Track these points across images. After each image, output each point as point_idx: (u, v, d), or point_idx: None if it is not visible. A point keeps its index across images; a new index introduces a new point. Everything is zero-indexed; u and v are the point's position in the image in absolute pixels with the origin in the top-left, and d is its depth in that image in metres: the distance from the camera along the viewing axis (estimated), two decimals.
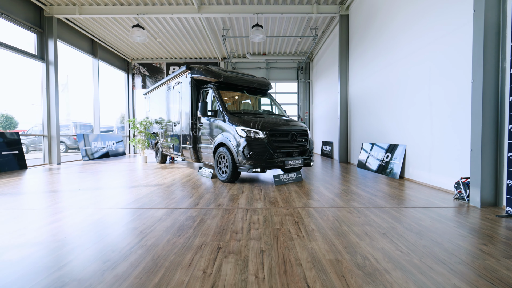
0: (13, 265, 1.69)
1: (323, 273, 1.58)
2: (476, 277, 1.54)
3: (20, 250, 1.91)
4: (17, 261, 1.74)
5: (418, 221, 2.54)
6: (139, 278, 1.53)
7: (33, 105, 43.77)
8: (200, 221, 2.55)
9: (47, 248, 1.94)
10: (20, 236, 2.19)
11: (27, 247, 1.96)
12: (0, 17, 6.59)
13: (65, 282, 1.48)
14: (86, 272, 1.59)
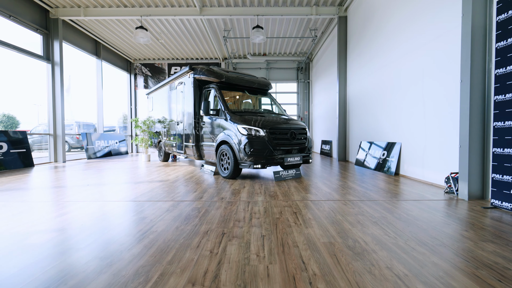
0: (38, 247, 1.89)
1: (317, 253, 1.77)
2: (454, 256, 1.73)
3: (42, 236, 2.10)
4: (41, 244, 1.93)
5: (408, 212, 2.73)
6: (153, 257, 1.72)
7: (34, 105, 43.32)
8: (205, 212, 2.74)
9: (66, 234, 2.14)
10: (39, 224, 2.38)
11: (48, 233, 2.15)
12: (8, 19, 6.80)
13: (88, 260, 1.67)
14: (105, 252, 1.79)
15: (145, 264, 1.62)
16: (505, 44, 2.79)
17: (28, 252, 1.80)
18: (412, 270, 1.54)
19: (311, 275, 1.48)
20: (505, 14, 2.80)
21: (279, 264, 1.62)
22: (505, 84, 2.77)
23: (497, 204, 2.85)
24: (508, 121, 2.74)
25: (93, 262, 1.64)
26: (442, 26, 3.93)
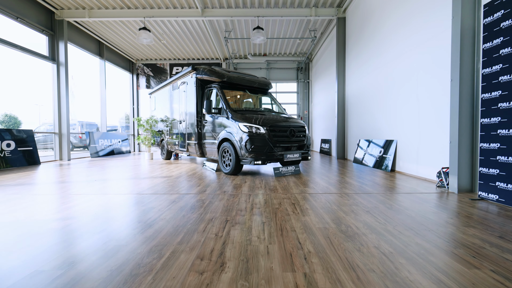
0: (59, 231, 2.07)
1: (312, 236, 1.95)
2: (436, 238, 1.91)
3: (61, 222, 2.28)
4: (61, 229, 2.12)
5: (399, 203, 2.91)
6: (164, 239, 1.90)
7: (36, 105, 43.46)
8: (209, 203, 2.92)
9: (82, 221, 2.32)
10: (56, 213, 2.56)
11: (65, 220, 2.34)
12: (15, 21, 6.99)
13: (105, 241, 1.86)
14: (121, 235, 1.97)
15: (157, 244, 1.80)
16: (491, 46, 2.97)
17: (52, 235, 1.99)
18: (397, 249, 1.72)
19: (306, 253, 1.66)
20: (491, 17, 2.97)
21: (278, 244, 1.80)
22: (491, 83, 2.95)
23: (484, 196, 3.02)
24: (493, 118, 2.91)
25: (111, 243, 1.82)
26: (435, 28, 4.10)
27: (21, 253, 1.68)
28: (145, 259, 1.58)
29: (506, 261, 1.56)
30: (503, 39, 2.82)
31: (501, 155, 2.82)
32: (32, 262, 1.55)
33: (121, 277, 1.38)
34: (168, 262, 1.54)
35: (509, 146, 2.72)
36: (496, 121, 2.87)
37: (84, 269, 1.47)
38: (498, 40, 2.88)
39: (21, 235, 1.99)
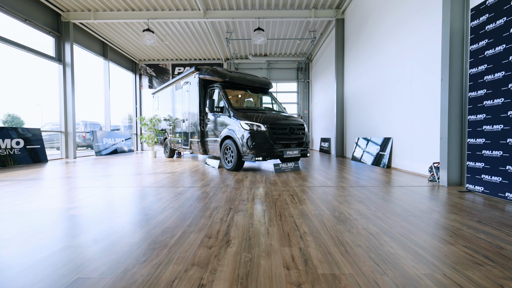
0: (79, 217, 2.28)
1: (308, 220, 2.16)
2: (420, 222, 2.11)
3: (79, 210, 2.49)
4: (81, 215, 2.33)
5: (391, 194, 3.11)
6: (174, 222, 2.11)
7: (38, 105, 43.85)
8: (213, 194, 3.13)
9: (98, 209, 2.53)
10: (72, 203, 2.78)
11: (83, 208, 2.55)
12: (24, 23, 7.22)
13: (122, 224, 2.07)
14: (135, 220, 2.18)
15: (169, 226, 2.01)
16: (477, 47, 3.17)
17: (73, 220, 2.20)
18: (383, 230, 1.92)
19: (302, 233, 1.87)
20: (477, 20, 3.17)
21: (277, 226, 2.01)
22: (477, 82, 3.15)
23: (471, 188, 3.22)
24: (479, 115, 3.11)
25: (127, 226, 2.04)
26: (428, 30, 4.30)
27: (53, 231, 1.89)
28: (159, 237, 1.80)
29: (479, 239, 1.76)
30: (487, 41, 3.02)
31: (486, 150, 3.01)
32: (65, 239, 1.76)
33: (140, 250, 1.59)
34: (180, 240, 1.75)
35: (493, 141, 2.92)
36: (482, 118, 3.07)
37: (106, 245, 1.67)
38: (483, 42, 3.08)
39: (51, 219, 2.20)
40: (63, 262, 1.45)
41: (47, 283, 1.24)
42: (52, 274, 1.33)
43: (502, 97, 2.82)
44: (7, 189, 3.49)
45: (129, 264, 1.42)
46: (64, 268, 1.38)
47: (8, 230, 1.95)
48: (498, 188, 2.86)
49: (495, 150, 2.90)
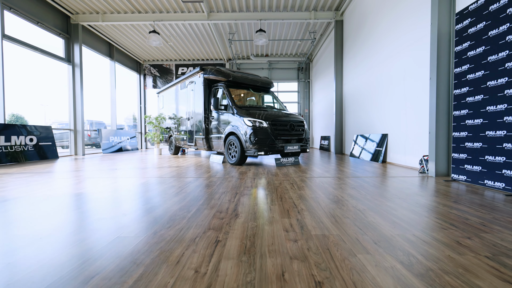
0: (104, 199, 2.60)
1: (305, 201, 2.47)
2: (403, 202, 2.41)
3: (102, 194, 2.81)
4: (104, 198, 2.65)
5: (382, 183, 3.41)
6: (189, 202, 2.42)
7: (41, 105, 43.93)
8: (220, 183, 3.44)
9: (119, 193, 2.85)
10: (94, 188, 3.10)
11: (105, 193, 2.86)
12: (36, 25, 7.56)
13: (143, 204, 2.38)
14: (154, 201, 2.50)
15: (184, 205, 2.33)
16: (461, 48, 3.47)
17: (100, 201, 2.52)
18: (370, 208, 2.23)
19: (299, 209, 2.18)
20: (461, 24, 3.47)
21: (278, 205, 2.32)
22: (461, 81, 3.44)
23: (455, 177, 3.52)
24: (463, 110, 3.41)
25: (147, 205, 2.35)
26: (419, 32, 4.60)
27: (86, 208, 2.21)
28: (178, 212, 2.11)
29: (450, 214, 2.06)
30: (470, 43, 3.32)
31: (468, 142, 3.31)
32: (98, 214, 2.08)
33: (163, 220, 1.91)
34: (195, 214, 2.07)
35: (474, 134, 3.22)
36: (465, 113, 3.37)
37: (134, 217, 1.99)
38: (466, 44, 3.38)
39: (81, 200, 2.52)
40: (103, 228, 1.76)
41: (95, 239, 1.56)
42: (97, 234, 1.64)
43: (482, 94, 3.12)
44: (31, 179, 3.81)
45: (157, 229, 1.73)
46: (104, 231, 1.70)
47: (51, 208, 2.27)
48: (478, 176, 3.15)
49: (475, 142, 3.20)
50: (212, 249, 1.42)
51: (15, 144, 6.58)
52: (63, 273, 1.17)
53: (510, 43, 2.79)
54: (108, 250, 1.41)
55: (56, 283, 1.09)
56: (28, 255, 1.35)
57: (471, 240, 1.55)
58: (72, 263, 1.27)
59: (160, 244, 1.49)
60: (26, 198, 2.62)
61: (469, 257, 1.33)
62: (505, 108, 2.82)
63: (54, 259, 1.31)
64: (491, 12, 3.02)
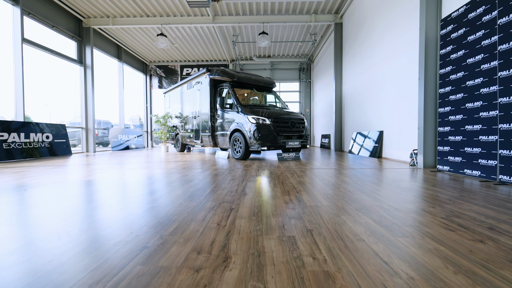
0: (128, 183, 3.01)
1: (303, 185, 2.86)
2: (387, 186, 2.79)
3: (126, 180, 3.22)
4: (130, 183, 3.05)
5: (373, 173, 3.79)
6: (203, 186, 2.82)
7: (47, 105, 44.38)
8: (228, 173, 3.84)
9: (140, 180, 3.25)
10: (121, 177, 3.50)
11: (129, 179, 3.27)
12: (51, 29, 8.02)
13: (163, 187, 2.78)
14: (172, 185, 2.90)
15: (199, 187, 2.73)
16: (445, 52, 3.84)
17: (127, 184, 2.93)
18: (358, 189, 2.62)
19: (298, 190, 2.57)
20: (445, 29, 3.84)
21: (280, 187, 2.71)
22: (445, 81, 3.81)
23: (440, 168, 3.89)
24: (446, 107, 3.78)
25: (168, 187, 2.76)
26: (410, 35, 4.97)
27: (118, 189, 2.61)
28: (195, 192, 2.51)
29: (425, 193, 2.44)
30: (452, 47, 3.69)
31: (451, 136, 3.68)
32: (131, 192, 2.48)
33: (185, 197, 2.31)
34: (210, 193, 2.46)
35: (456, 128, 3.59)
36: (448, 110, 3.74)
37: (161, 195, 2.39)
38: (449, 47, 3.75)
39: (113, 184, 2.93)
40: (137, 202, 2.17)
41: (134, 208, 1.96)
42: (135, 205, 2.05)
43: (462, 92, 3.49)
44: (57, 170, 4.23)
45: (181, 202, 2.13)
46: (140, 203, 2.10)
47: (91, 189, 2.68)
48: (459, 166, 3.53)
49: (457, 136, 3.57)
50: (228, 213, 1.81)
51: (33, 140, 7.02)
52: (119, 224, 1.57)
53: (484, 47, 3.16)
54: (148, 213, 1.81)
55: (119, 229, 1.49)
56: (100, 214, 1.76)
57: (434, 208, 1.93)
58: (124, 220, 1.67)
59: (187, 210, 1.88)
60: (73, 183, 3.04)
61: (428, 217, 1.71)
62: (480, 105, 3.19)
63: (113, 217, 1.72)
64: (470, 20, 3.39)
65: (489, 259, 1.13)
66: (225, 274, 1.01)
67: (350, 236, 1.39)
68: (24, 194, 2.43)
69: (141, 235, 1.40)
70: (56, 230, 1.48)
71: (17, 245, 1.29)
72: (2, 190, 2.64)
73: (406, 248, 1.23)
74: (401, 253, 1.19)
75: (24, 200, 2.22)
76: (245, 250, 1.21)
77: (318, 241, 1.32)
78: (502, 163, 2.89)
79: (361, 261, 1.11)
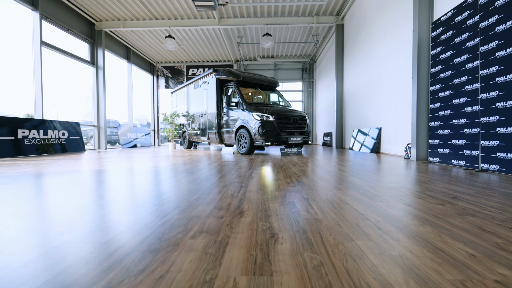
0: (145, 170, 3.39)
1: (303, 172, 3.21)
2: (379, 172, 3.13)
3: (142, 169, 3.60)
4: (143, 169, 3.43)
5: (368, 164, 4.12)
6: (214, 173, 3.19)
7: (54, 106, 44.90)
8: (235, 164, 4.21)
9: (161, 168, 3.63)
10: (136, 165, 3.89)
11: (146, 168, 3.65)
12: (66, 32, 8.48)
13: (180, 172, 3.16)
14: (189, 171, 3.28)
15: (211, 174, 3.10)
16: (435, 52, 4.16)
17: (147, 171, 3.31)
18: (351, 175, 2.96)
19: (298, 175, 2.93)
20: (435, 32, 4.16)
21: (282, 174, 3.07)
22: (435, 79, 4.13)
23: (431, 160, 4.21)
24: (436, 104, 4.10)
25: (184, 173, 3.13)
26: (406, 36, 5.29)
27: (142, 174, 2.99)
28: (209, 177, 2.88)
29: (408, 176, 2.78)
30: (441, 47, 4.01)
31: (440, 130, 4.00)
32: (155, 176, 2.86)
33: (199, 180, 2.68)
34: (221, 177, 2.83)
35: (444, 123, 3.91)
36: (437, 106, 4.06)
37: (181, 177, 2.77)
38: (439, 48, 4.07)
39: (139, 172, 3.32)
40: (162, 180, 2.54)
41: (162, 185, 2.33)
42: (162, 183, 2.42)
43: (450, 89, 3.81)
44: (81, 162, 4.64)
45: (198, 182, 2.50)
46: (165, 182, 2.47)
47: (122, 174, 3.07)
48: (447, 157, 3.84)
49: (445, 129, 3.89)
50: (238, 189, 2.17)
51: (50, 137, 7.47)
52: (153, 194, 1.94)
53: (469, 48, 3.48)
54: (172, 189, 2.18)
55: (154, 197, 1.86)
56: (138, 189, 2.13)
57: (413, 186, 2.27)
58: (155, 192, 2.04)
59: (204, 188, 2.25)
60: (108, 170, 3.43)
61: (405, 191, 2.06)
62: (465, 101, 3.51)
63: (147, 191, 2.09)
64: (456, 23, 3.71)
65: (442, 213, 1.48)
66: (241, 219, 1.37)
67: (338, 201, 1.75)
68: (66, 176, 2.82)
69: (171, 201, 1.77)
70: (117, 196, 1.86)
71: (95, 204, 1.67)
72: (48, 174, 3.04)
73: (380, 208, 1.58)
74: (375, 210, 1.54)
75: (77, 180, 2.60)
76: (255, 208, 1.58)
77: (312, 204, 1.67)
78: (483, 153, 3.21)
79: (343, 214, 1.46)
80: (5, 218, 1.42)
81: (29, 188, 2.24)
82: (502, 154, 2.94)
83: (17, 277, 0.80)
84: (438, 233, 1.17)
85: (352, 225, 1.28)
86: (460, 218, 1.39)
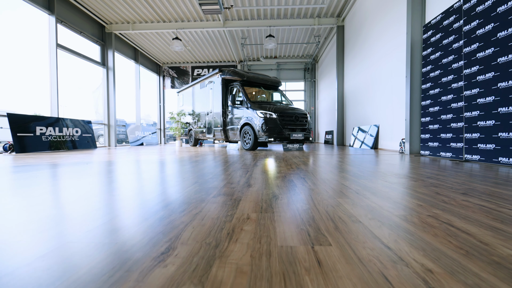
0: (156, 162, 3.77)
1: (304, 164, 3.56)
2: (372, 163, 3.47)
3: (156, 160, 3.98)
4: (156, 161, 3.81)
5: (365, 157, 4.46)
6: (221, 163, 3.56)
7: (65, 106, 45.56)
8: (240, 158, 4.57)
9: (175, 159, 4.01)
10: (153, 158, 4.27)
11: (158, 160, 4.03)
12: (79, 35, 8.92)
13: (194, 162, 3.52)
14: (200, 161, 3.64)
15: (219, 163, 3.46)
16: (426, 53, 4.48)
17: (165, 163, 3.69)
18: (347, 164, 3.30)
19: (298, 165, 3.28)
20: (426, 34, 4.48)
21: (284, 165, 3.42)
22: (426, 78, 4.45)
23: (423, 153, 4.53)
24: (427, 101, 4.42)
25: (198, 163, 3.50)
26: (402, 38, 5.60)
27: (159, 163, 3.37)
28: (217, 166, 3.24)
29: (395, 165, 3.11)
30: (431, 49, 4.33)
31: (431, 125, 4.32)
32: (170, 167, 3.23)
33: (209, 168, 3.04)
34: (229, 166, 3.19)
35: (434, 118, 4.23)
36: (428, 103, 4.38)
37: (195, 164, 3.13)
38: (429, 49, 4.39)
39: (156, 161, 3.69)
40: (178, 166, 2.91)
41: (179, 169, 2.70)
42: (179, 167, 2.79)
43: (438, 87, 4.13)
44: (98, 156, 5.04)
45: (207, 169, 2.87)
46: (182, 167, 2.84)
47: (142, 165, 3.44)
48: (436, 150, 4.16)
49: (435, 124, 4.21)
50: (245, 173, 2.53)
51: (65, 134, 7.91)
52: (175, 172, 2.31)
53: (454, 49, 3.80)
54: (191, 173, 2.54)
55: (176, 175, 2.23)
56: (164, 172, 2.50)
57: (396, 171, 2.61)
58: (179, 173, 2.41)
59: (214, 173, 2.62)
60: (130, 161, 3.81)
61: (388, 173, 2.40)
62: (451, 98, 3.83)
63: (171, 172, 2.46)
64: (444, 26, 4.03)
65: (412, 186, 1.82)
66: (249, 189, 1.73)
67: (329, 179, 2.10)
68: (93, 166, 3.21)
69: (190, 179, 2.14)
70: (148, 176, 2.23)
71: (126, 185, 2.04)
72: (77, 163, 3.43)
73: (362, 183, 1.93)
74: (358, 184, 1.89)
75: (107, 168, 2.98)
76: (260, 183, 1.93)
77: (308, 181, 2.03)
78: (466, 145, 3.53)
79: (332, 185, 1.81)
80: (81, 186, 1.79)
81: (78, 172, 2.63)
82: (482, 145, 3.26)
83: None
84: (402, 195, 1.52)
85: (337, 191, 1.63)
86: (425, 188, 1.73)
